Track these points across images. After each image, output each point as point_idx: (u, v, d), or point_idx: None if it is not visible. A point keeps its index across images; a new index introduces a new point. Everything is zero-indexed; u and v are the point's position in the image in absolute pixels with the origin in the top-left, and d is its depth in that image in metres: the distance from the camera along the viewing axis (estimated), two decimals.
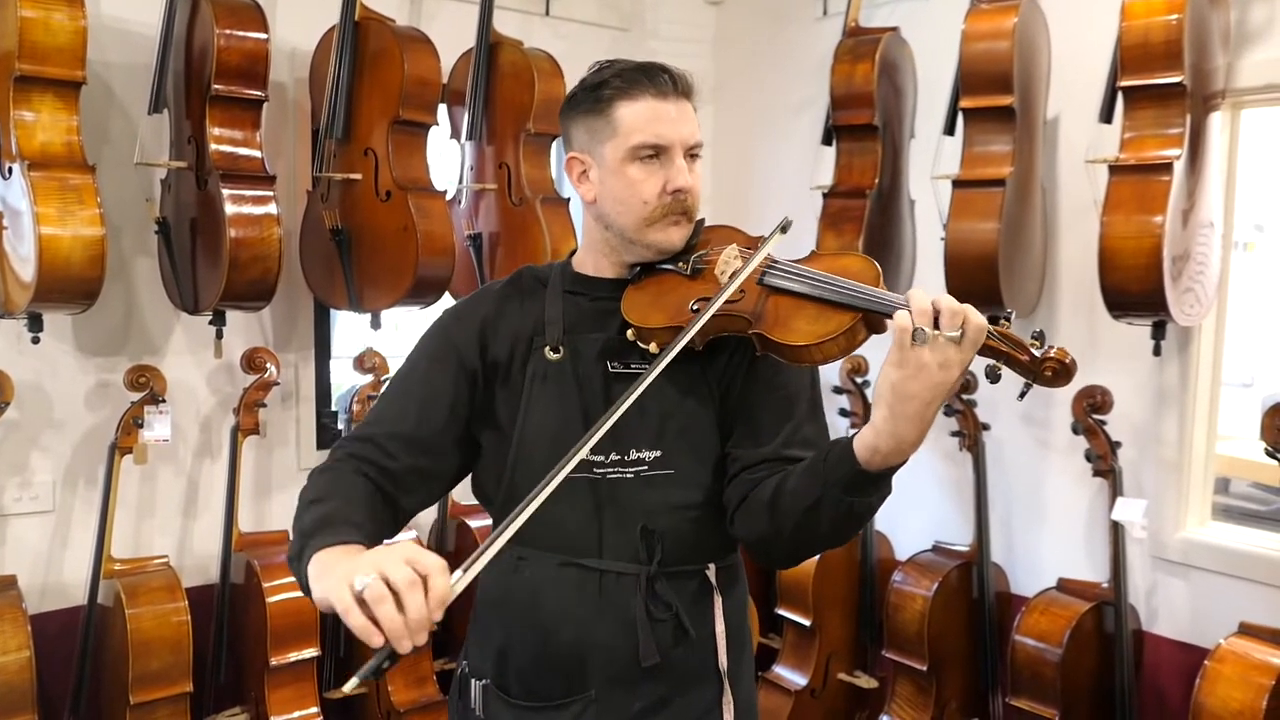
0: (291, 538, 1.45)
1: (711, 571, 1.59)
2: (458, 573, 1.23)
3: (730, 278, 1.49)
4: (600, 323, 1.58)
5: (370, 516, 1.48)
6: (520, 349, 1.58)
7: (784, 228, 1.54)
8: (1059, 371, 1.31)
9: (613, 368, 1.55)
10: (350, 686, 1.20)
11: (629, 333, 1.54)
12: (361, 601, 1.18)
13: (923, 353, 1.26)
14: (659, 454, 1.53)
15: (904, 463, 1.34)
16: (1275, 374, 4.95)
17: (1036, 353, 1.31)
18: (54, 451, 2.89)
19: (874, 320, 1.40)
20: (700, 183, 1.57)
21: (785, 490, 1.43)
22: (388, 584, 1.17)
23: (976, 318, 1.28)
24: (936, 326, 1.27)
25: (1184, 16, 2.47)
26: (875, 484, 1.36)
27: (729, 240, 1.59)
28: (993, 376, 1.35)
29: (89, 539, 2.84)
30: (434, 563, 1.20)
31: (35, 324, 2.59)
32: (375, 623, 1.17)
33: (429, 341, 1.64)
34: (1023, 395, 1.38)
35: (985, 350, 1.31)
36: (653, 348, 1.52)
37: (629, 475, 1.52)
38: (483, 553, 1.25)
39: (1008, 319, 1.33)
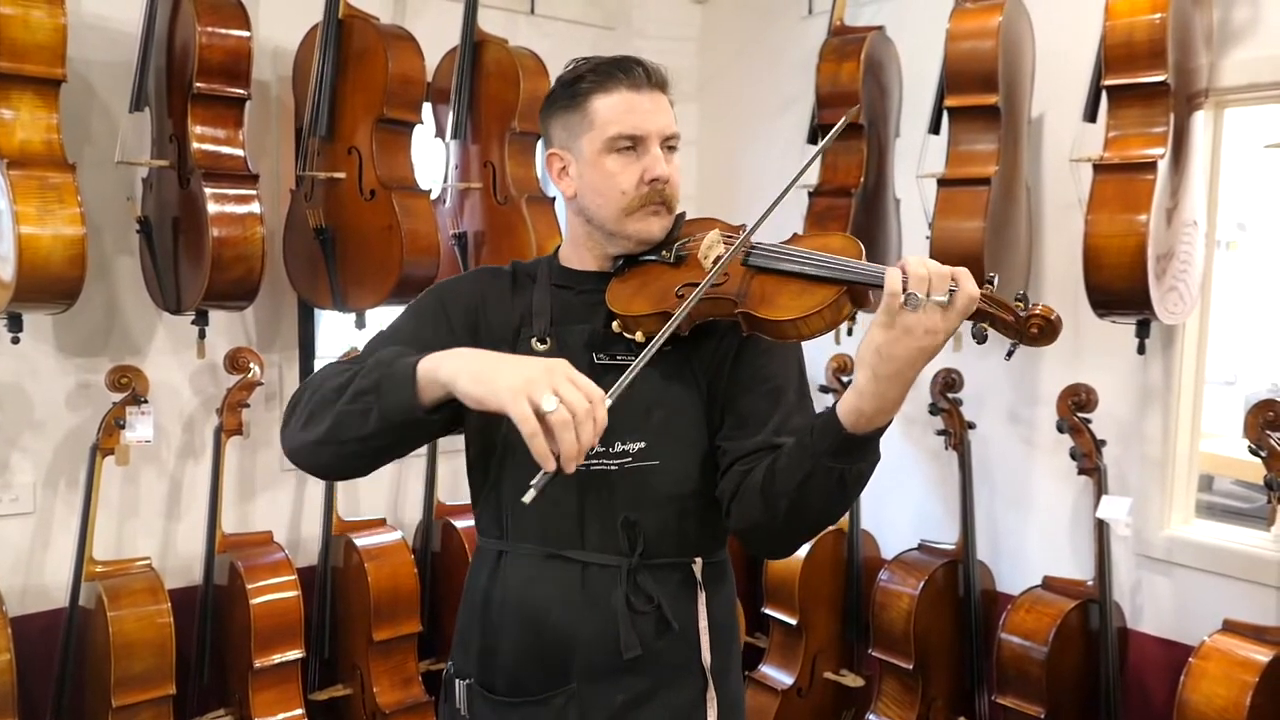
0: (339, 386, 1.42)
1: (697, 566, 1.59)
2: (608, 400, 1.31)
3: (715, 261, 1.49)
4: (586, 315, 1.59)
5: None
6: (507, 339, 1.59)
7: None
8: (1044, 329, 1.31)
9: (598, 359, 1.56)
10: (530, 498, 1.28)
11: (614, 323, 1.54)
12: (543, 421, 1.25)
13: (910, 317, 1.27)
14: (643, 445, 1.53)
15: (888, 423, 1.35)
16: (1258, 372, 4.98)
17: (1021, 313, 1.31)
18: (34, 453, 2.86)
19: (859, 293, 1.41)
20: (679, 175, 1.58)
21: (776, 470, 1.43)
22: (567, 408, 1.25)
23: (969, 286, 1.28)
24: (930, 289, 1.27)
25: (1167, 15, 2.47)
26: (863, 448, 1.36)
27: (709, 231, 1.59)
28: (979, 337, 1.35)
29: (70, 541, 2.81)
30: (596, 392, 1.29)
31: (15, 324, 2.57)
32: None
33: (422, 306, 1.64)
34: (1010, 354, 1.39)
35: (973, 313, 1.31)
36: (639, 336, 1.52)
37: (613, 467, 1.52)
38: (625, 380, 1.34)
39: (991, 282, 1.33)
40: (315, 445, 1.45)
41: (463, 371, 1.34)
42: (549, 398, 1.25)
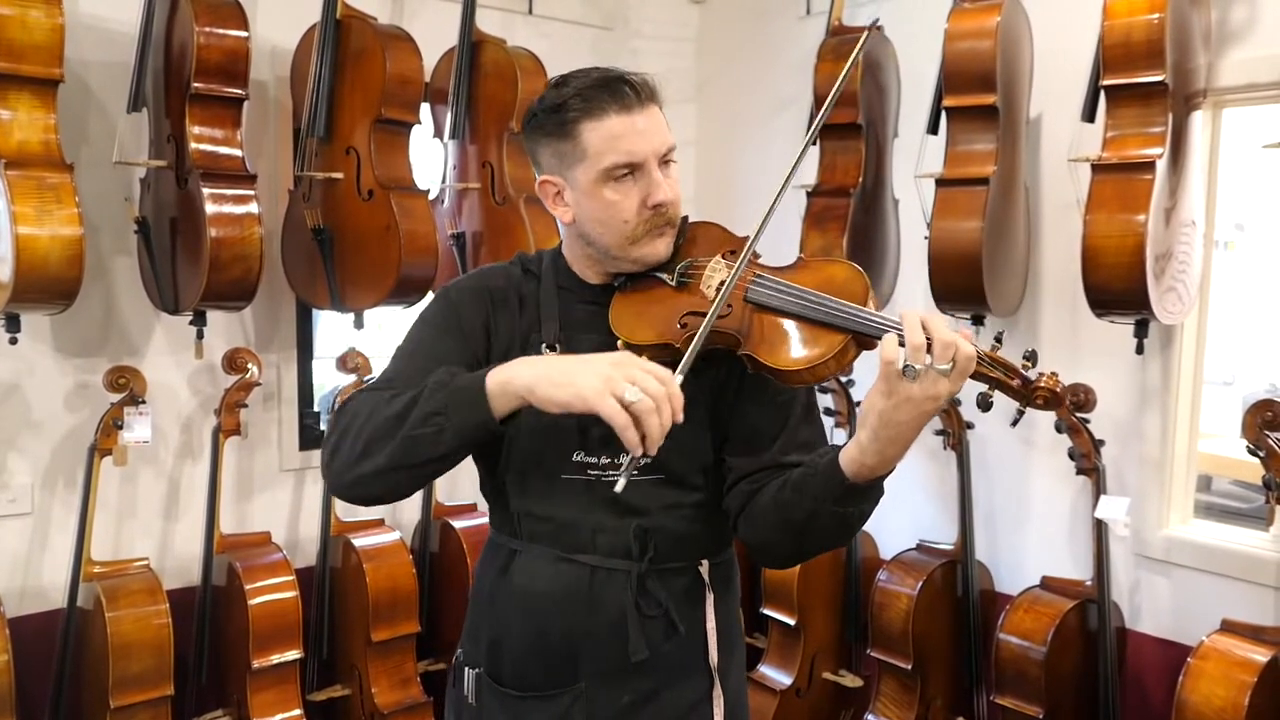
0: (398, 413, 1.40)
1: (705, 569, 1.60)
2: (678, 376, 1.35)
3: (718, 287, 1.48)
4: (593, 325, 1.57)
5: None
6: (517, 343, 1.57)
7: (877, 26, 1.56)
8: (1049, 400, 1.32)
9: None
10: (620, 487, 1.33)
11: (619, 344, 1.52)
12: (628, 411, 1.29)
13: (911, 386, 1.26)
14: (648, 459, 1.52)
15: (891, 472, 1.36)
16: (1256, 372, 4.99)
17: (1030, 375, 1.31)
18: (32, 453, 2.86)
19: (864, 340, 1.40)
20: (679, 186, 1.53)
21: (780, 502, 1.44)
22: (647, 395, 1.29)
23: (966, 348, 1.27)
24: (928, 352, 1.26)
25: (1165, 15, 2.47)
26: (865, 494, 1.38)
27: (714, 240, 1.57)
28: (984, 405, 1.34)
29: (68, 542, 2.81)
30: (666, 372, 1.32)
31: (13, 324, 2.56)
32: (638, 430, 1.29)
33: (436, 314, 1.61)
34: (1015, 422, 1.38)
35: (977, 376, 1.31)
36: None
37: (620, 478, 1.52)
38: (693, 351, 1.38)
39: (999, 341, 1.32)
40: (376, 474, 1.42)
41: (540, 379, 1.34)
42: (630, 389, 1.28)
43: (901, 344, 1.27)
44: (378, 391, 1.48)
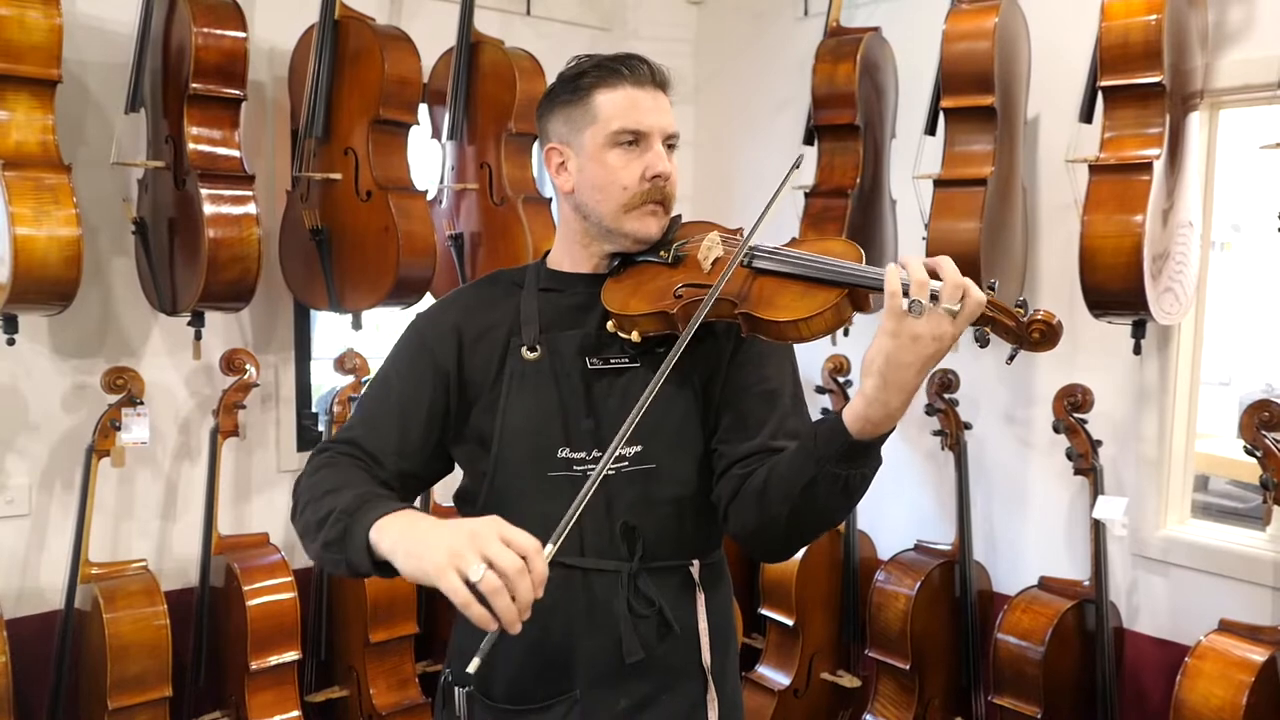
0: (318, 522, 1.42)
1: (695, 568, 1.59)
2: (548, 546, 1.27)
3: (714, 263, 1.49)
4: (578, 319, 1.58)
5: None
6: (497, 350, 1.58)
7: (798, 164, 1.58)
8: (1046, 334, 1.32)
9: (592, 364, 1.55)
10: (474, 667, 1.24)
11: (609, 323, 1.54)
12: (475, 591, 1.22)
13: (918, 324, 1.27)
14: (639, 448, 1.53)
15: (893, 429, 1.36)
16: (1252, 372, 4.99)
17: (1023, 318, 1.32)
18: (30, 454, 2.85)
19: (860, 297, 1.41)
20: (677, 176, 1.58)
21: (776, 475, 1.43)
22: (497, 572, 1.21)
23: (976, 294, 1.28)
24: (934, 299, 1.27)
25: (1163, 17, 2.48)
26: (867, 453, 1.37)
27: (707, 232, 1.58)
28: (982, 341, 1.36)
29: (66, 543, 2.80)
30: (530, 543, 1.25)
31: (10, 325, 2.56)
32: (488, 609, 1.22)
33: (403, 348, 1.64)
34: (1011, 359, 1.40)
35: (976, 318, 1.32)
36: (634, 336, 1.52)
37: (610, 472, 1.51)
38: (562, 532, 1.29)
39: (992, 288, 1.33)
40: (315, 559, 1.47)
41: (398, 549, 1.31)
42: (475, 566, 1.21)
43: (906, 287, 1.28)
44: (330, 459, 1.53)
